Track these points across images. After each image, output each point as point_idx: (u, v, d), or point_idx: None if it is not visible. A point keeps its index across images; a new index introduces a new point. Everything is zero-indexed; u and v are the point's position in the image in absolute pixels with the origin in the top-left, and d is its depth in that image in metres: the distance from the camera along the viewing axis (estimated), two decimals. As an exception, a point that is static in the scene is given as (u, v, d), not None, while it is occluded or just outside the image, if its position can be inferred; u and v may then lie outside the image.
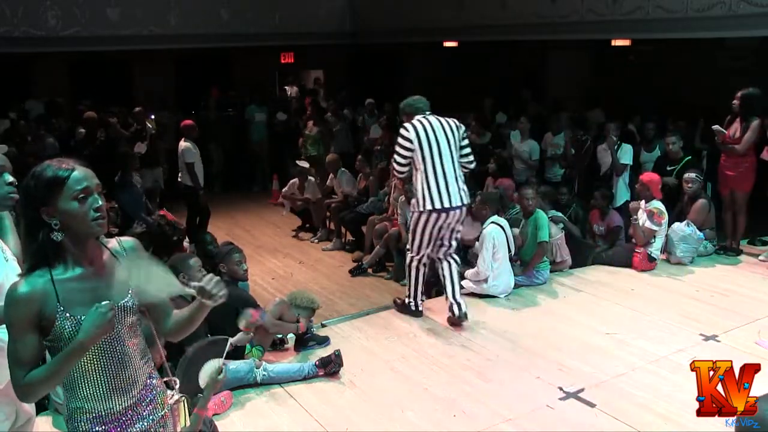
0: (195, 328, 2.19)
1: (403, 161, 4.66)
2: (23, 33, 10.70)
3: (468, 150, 4.78)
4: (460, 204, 4.63)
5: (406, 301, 5.16)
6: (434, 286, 6.11)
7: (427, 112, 4.71)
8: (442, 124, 4.62)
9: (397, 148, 4.68)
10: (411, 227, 4.89)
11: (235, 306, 4.15)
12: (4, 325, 2.01)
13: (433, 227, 4.69)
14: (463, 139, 4.73)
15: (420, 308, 5.14)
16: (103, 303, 1.92)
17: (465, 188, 4.72)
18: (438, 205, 4.56)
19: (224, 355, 2.52)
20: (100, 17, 11.28)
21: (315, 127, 10.42)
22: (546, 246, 5.74)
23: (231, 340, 4.08)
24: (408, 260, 5.02)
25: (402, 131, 4.65)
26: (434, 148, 4.54)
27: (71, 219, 1.93)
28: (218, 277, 2.05)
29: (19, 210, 1.97)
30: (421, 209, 4.63)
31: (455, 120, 4.78)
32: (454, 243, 4.92)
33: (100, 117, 9.65)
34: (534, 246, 5.69)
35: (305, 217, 9.15)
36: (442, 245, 4.87)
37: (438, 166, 4.54)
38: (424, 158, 4.56)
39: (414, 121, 4.62)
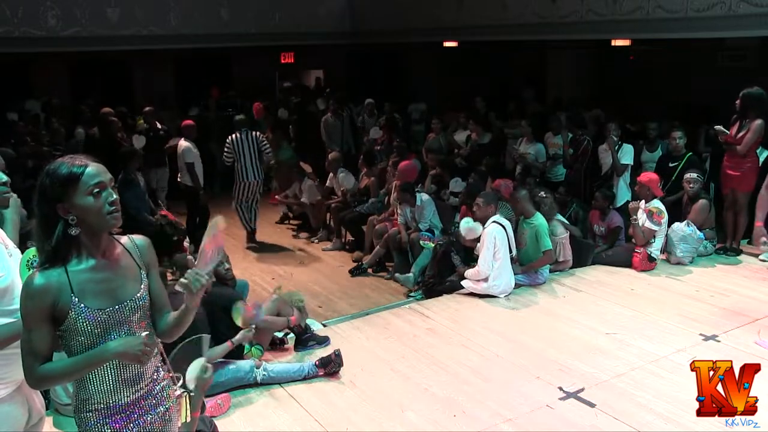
0: (183, 330, 2.23)
1: (227, 154, 8.29)
2: (23, 33, 10.67)
3: (266, 146, 8.44)
4: (253, 179, 8.30)
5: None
6: (435, 287, 6.12)
7: (244, 129, 8.29)
8: (248, 137, 8.27)
9: (226, 147, 8.31)
10: (234, 189, 8.46)
11: (222, 305, 4.10)
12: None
13: (243, 189, 8.32)
14: (262, 142, 8.38)
15: (251, 228, 8.55)
16: (144, 334, 2.03)
17: (260, 170, 8.38)
18: (243, 179, 8.26)
19: (203, 352, 2.47)
20: (100, 17, 11.26)
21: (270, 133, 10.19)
22: (551, 254, 5.78)
23: (232, 341, 4.08)
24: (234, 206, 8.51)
25: (228, 140, 8.32)
26: (240, 149, 8.21)
27: (87, 213, 1.99)
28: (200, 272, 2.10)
29: (34, 206, 2.02)
30: (237, 180, 8.33)
31: (256, 133, 8.46)
32: (256, 198, 8.53)
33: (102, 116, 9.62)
34: (534, 250, 5.72)
35: (304, 219, 9.14)
36: (250, 199, 8.40)
37: (242, 158, 8.21)
38: (236, 154, 8.21)
39: (233, 135, 8.25)
